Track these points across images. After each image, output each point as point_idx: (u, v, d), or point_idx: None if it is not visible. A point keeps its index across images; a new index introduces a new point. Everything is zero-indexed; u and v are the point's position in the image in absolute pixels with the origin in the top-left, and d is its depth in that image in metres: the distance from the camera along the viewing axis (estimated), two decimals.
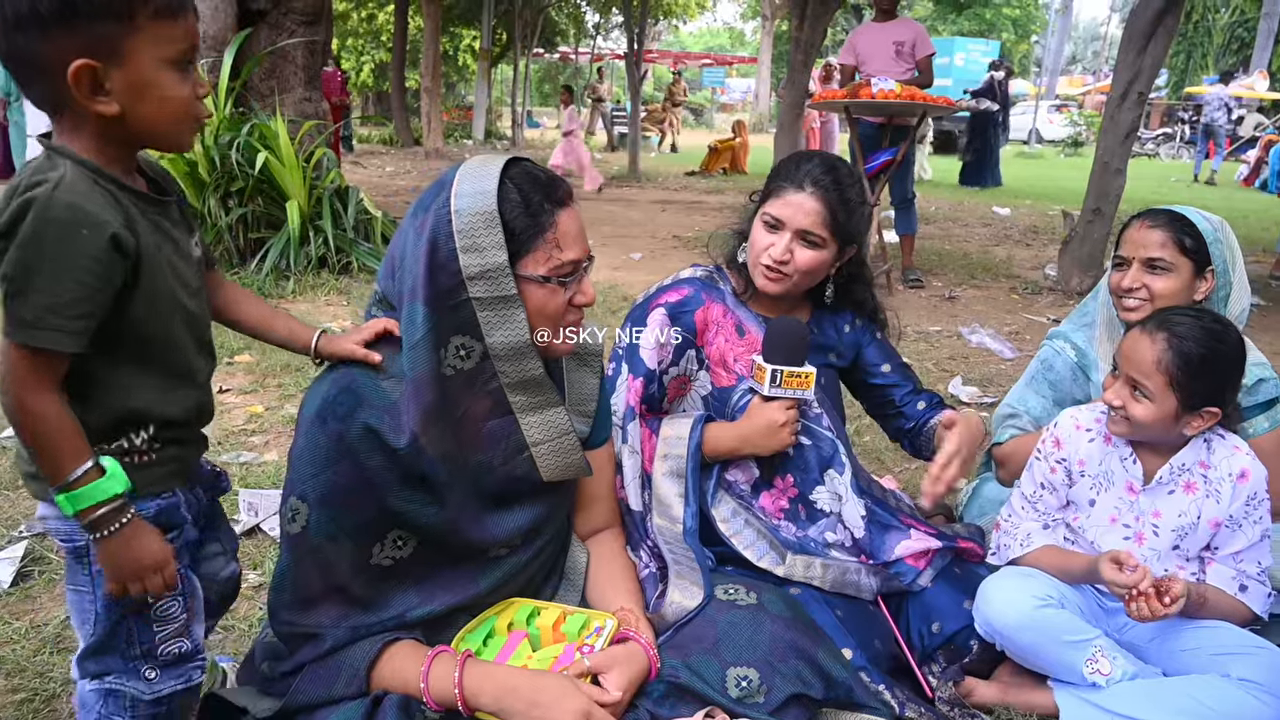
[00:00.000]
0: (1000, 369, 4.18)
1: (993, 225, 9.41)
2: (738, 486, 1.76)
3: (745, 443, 1.70)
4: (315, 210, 5.59)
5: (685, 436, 1.70)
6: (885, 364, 1.96)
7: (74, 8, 0.95)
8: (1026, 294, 5.96)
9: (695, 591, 1.51)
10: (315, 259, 5.35)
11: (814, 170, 1.74)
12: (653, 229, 8.50)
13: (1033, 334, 4.88)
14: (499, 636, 1.39)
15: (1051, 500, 1.73)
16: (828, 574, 1.67)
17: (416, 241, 1.27)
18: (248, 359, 3.84)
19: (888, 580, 1.70)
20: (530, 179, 1.30)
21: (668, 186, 12.96)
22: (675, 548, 1.61)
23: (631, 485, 1.69)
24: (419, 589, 1.36)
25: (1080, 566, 1.62)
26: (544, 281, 1.29)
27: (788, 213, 1.73)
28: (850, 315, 1.94)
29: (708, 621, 1.45)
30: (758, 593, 1.50)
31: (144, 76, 1.01)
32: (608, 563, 1.56)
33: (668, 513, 1.67)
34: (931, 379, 3.99)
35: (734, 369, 1.79)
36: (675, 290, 1.82)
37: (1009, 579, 1.63)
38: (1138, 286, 1.86)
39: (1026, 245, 8.21)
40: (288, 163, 5.37)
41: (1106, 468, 1.68)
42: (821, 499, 1.76)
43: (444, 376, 1.27)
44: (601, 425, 1.58)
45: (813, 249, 1.74)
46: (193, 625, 1.23)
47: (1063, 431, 1.73)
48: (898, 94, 5.32)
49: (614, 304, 5.06)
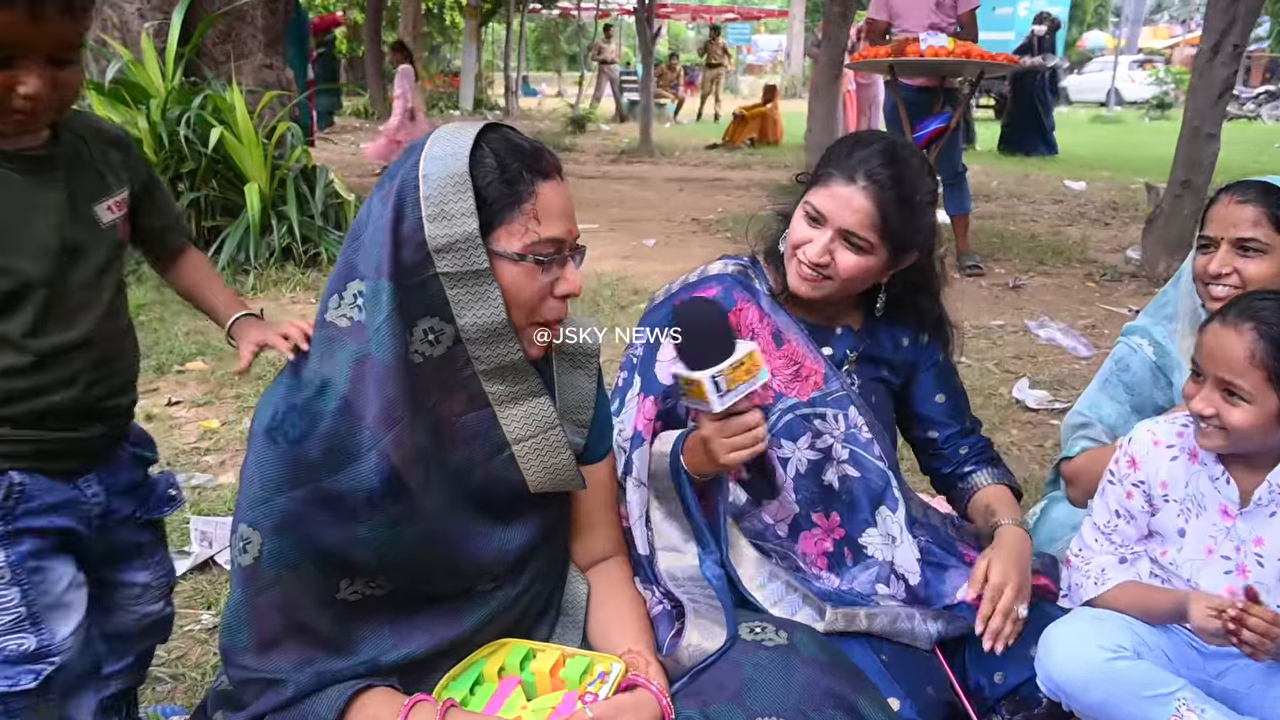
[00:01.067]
0: (1074, 369, 4.16)
1: (1065, 201, 9.36)
2: (772, 531, 1.72)
3: (702, 460, 1.58)
4: (278, 194, 5.63)
5: (668, 452, 1.62)
6: (939, 393, 1.91)
7: None
8: (1104, 281, 5.93)
9: (717, 632, 1.50)
10: (278, 250, 5.39)
11: (870, 160, 1.68)
12: (668, 211, 8.52)
13: (1111, 328, 4.85)
14: (488, 683, 1.39)
15: (1129, 530, 1.72)
16: (874, 623, 1.64)
17: (381, 212, 1.28)
18: (200, 366, 3.87)
19: (951, 623, 1.67)
20: (510, 145, 1.32)
21: (686, 161, 12.98)
22: (689, 586, 1.59)
23: (638, 524, 1.65)
24: (394, 628, 1.36)
25: (1165, 604, 1.60)
26: (518, 259, 1.30)
27: (831, 207, 1.69)
28: (911, 330, 1.89)
29: (731, 665, 1.44)
30: (789, 631, 1.49)
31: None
32: (613, 597, 1.56)
33: (674, 552, 1.63)
34: (993, 382, 3.98)
35: (771, 384, 1.75)
36: (702, 289, 1.78)
37: (1074, 626, 1.61)
38: (1227, 271, 1.84)
39: (1104, 224, 8.17)
40: (246, 139, 5.41)
41: (1195, 490, 1.66)
42: (872, 543, 1.73)
43: (411, 364, 1.28)
44: (600, 437, 1.57)
45: (857, 253, 1.69)
46: (46, 622, 1.26)
47: (1139, 449, 1.71)
48: (950, 51, 5.31)
49: (623, 298, 5.07)
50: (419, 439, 1.30)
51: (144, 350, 4.08)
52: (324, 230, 5.63)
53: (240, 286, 5.07)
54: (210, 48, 6.23)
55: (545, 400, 1.38)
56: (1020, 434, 3.47)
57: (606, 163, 13.08)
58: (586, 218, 7.92)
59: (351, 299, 1.28)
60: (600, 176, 11.35)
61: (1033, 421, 3.58)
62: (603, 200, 9.08)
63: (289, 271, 5.33)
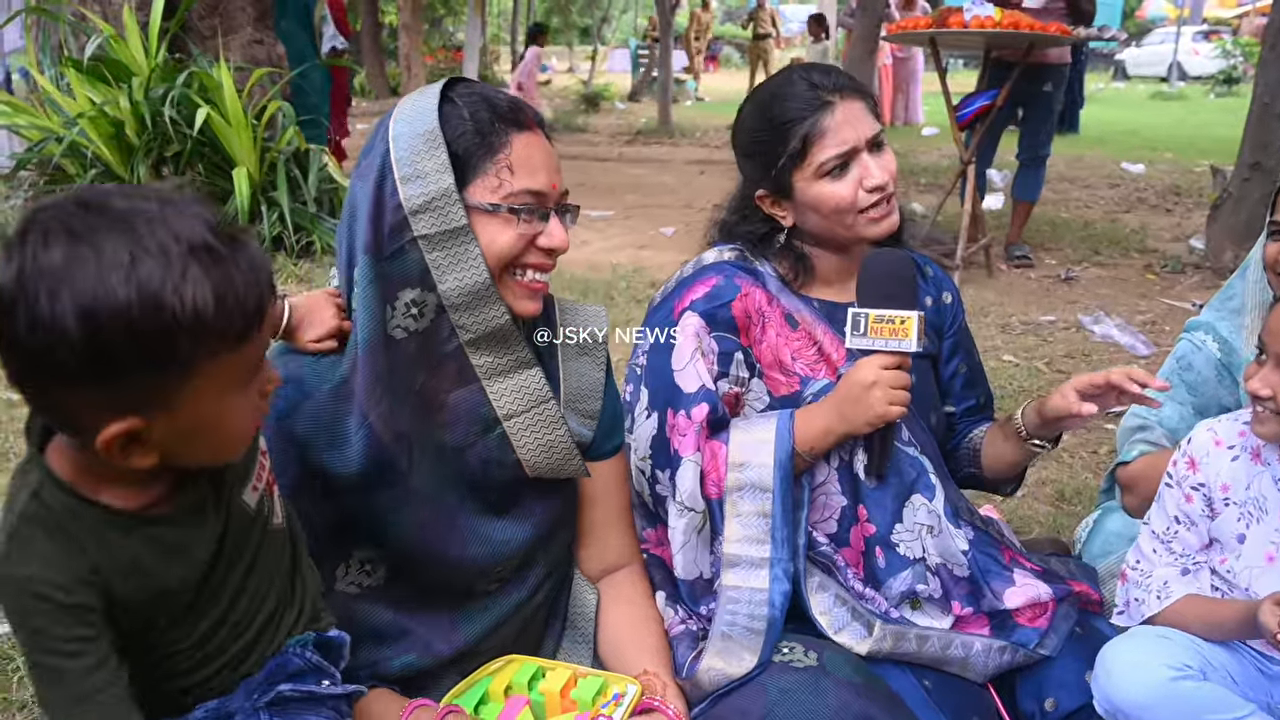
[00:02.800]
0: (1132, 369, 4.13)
1: (1122, 186, 9.30)
2: (818, 543, 1.70)
3: (840, 416, 1.61)
4: (268, 179, 5.66)
5: (770, 439, 1.61)
6: (959, 360, 1.92)
7: (112, 362, 0.90)
8: (1165, 273, 5.89)
9: (746, 659, 1.50)
10: (269, 238, 5.42)
11: (818, 80, 1.71)
12: (688, 196, 8.51)
13: (1173, 324, 4.82)
14: (494, 702, 1.40)
15: (1190, 537, 1.71)
16: (925, 647, 1.63)
17: (361, 187, 1.33)
18: None
19: (1014, 655, 1.65)
20: (482, 98, 1.36)
21: (708, 142, 12.97)
22: (740, 609, 1.58)
23: (684, 549, 1.64)
24: (393, 628, 1.39)
25: (1234, 618, 1.60)
26: (493, 210, 1.33)
27: (847, 134, 1.68)
28: (934, 287, 1.90)
29: (755, 689, 1.45)
30: (818, 652, 1.50)
31: (202, 418, 0.99)
32: (627, 610, 1.57)
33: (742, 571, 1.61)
34: (1043, 383, 3.96)
35: (794, 369, 1.75)
36: (701, 282, 1.76)
37: (1135, 644, 1.61)
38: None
39: (1166, 211, 8.12)
40: (234, 120, 5.45)
41: (1257, 492, 1.66)
42: (903, 540, 1.71)
43: (392, 340, 1.32)
44: (609, 431, 1.58)
45: (885, 151, 1.75)
46: None
47: (1198, 449, 1.71)
48: (997, 21, 5.28)
49: (639, 291, 5.08)
50: (405, 420, 1.33)
51: None
52: (317, 218, 5.66)
53: None
54: (196, 22, 6.27)
55: (536, 372, 1.41)
56: (1072, 439, 3.46)
57: (622, 144, 13.09)
58: (600, 204, 7.93)
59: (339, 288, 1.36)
60: (615, 159, 11.36)
61: (1086, 426, 3.55)
62: (618, 185, 9.07)
63: (280, 262, 5.35)
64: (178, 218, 0.93)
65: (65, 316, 0.87)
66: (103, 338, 0.88)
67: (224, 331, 0.94)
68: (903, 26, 6.27)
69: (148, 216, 0.92)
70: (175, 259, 0.90)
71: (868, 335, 1.58)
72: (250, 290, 0.95)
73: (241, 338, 0.96)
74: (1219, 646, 1.63)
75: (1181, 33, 25.62)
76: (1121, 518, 2.12)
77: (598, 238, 6.85)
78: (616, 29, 37.24)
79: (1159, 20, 32.71)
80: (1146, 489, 1.89)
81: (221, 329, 0.93)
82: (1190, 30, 26.67)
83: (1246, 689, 1.61)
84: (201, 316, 0.90)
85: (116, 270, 0.88)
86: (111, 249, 0.89)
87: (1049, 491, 3.03)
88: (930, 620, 1.68)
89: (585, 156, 11.25)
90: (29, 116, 5.66)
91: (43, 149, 5.48)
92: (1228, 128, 9.28)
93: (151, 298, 0.88)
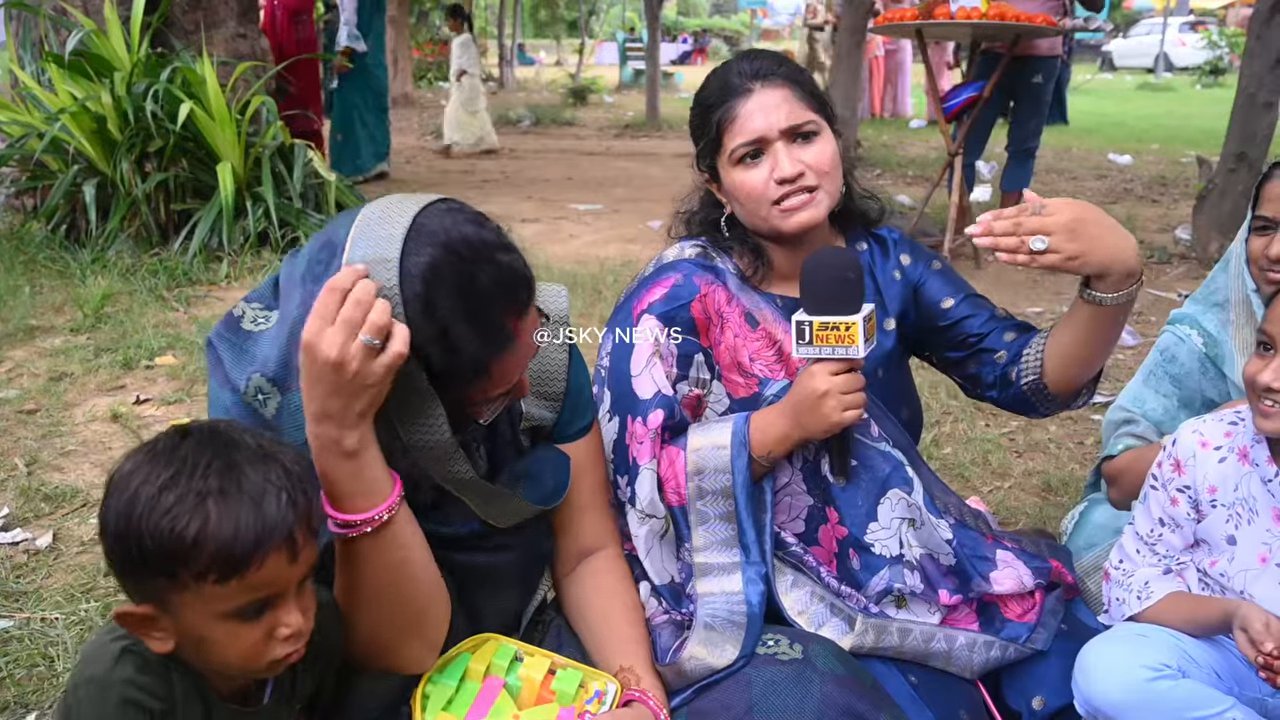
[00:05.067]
0: (1118, 359, 4.15)
1: (1109, 177, 9.34)
2: (787, 543, 1.70)
3: (797, 424, 1.60)
4: (253, 174, 5.64)
5: (726, 444, 1.61)
6: (949, 298, 1.81)
7: (124, 558, 1.09)
8: (1152, 263, 5.91)
9: (729, 651, 1.50)
10: (254, 235, 5.40)
11: (746, 68, 1.69)
12: (677, 190, 8.41)
13: (1159, 314, 4.84)
14: (473, 681, 1.40)
15: (1174, 539, 1.71)
16: (906, 640, 1.63)
17: (298, 304, 1.24)
18: (170, 361, 3.89)
19: (1004, 651, 1.65)
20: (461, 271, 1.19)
21: None
22: (719, 608, 1.57)
23: (650, 556, 1.64)
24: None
25: (1215, 615, 1.60)
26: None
27: (758, 123, 1.65)
28: (896, 258, 1.84)
29: (740, 683, 1.44)
30: (803, 644, 1.50)
31: (197, 630, 1.10)
32: (605, 596, 1.55)
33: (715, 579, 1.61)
34: None
35: (752, 370, 1.73)
36: (660, 282, 1.73)
37: (1113, 644, 1.61)
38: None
39: (1152, 201, 8.15)
40: (218, 115, 5.42)
41: (1246, 493, 1.66)
42: (879, 540, 1.69)
43: None
44: (576, 412, 1.55)
45: (814, 142, 1.67)
46: None
47: (1184, 450, 1.71)
48: (983, 12, 5.29)
49: (626, 284, 5.06)
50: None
51: (110, 344, 4.11)
52: (303, 213, 5.64)
53: (213, 275, 5.09)
54: (179, 16, 6.23)
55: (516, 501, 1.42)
56: (1059, 430, 3.47)
57: (610, 137, 13.08)
58: (588, 198, 7.93)
59: (255, 393, 1.30)
60: (603, 153, 11.35)
61: (1073, 418, 3.57)
62: (606, 178, 9.07)
63: (265, 258, 5.33)
64: (217, 459, 1.09)
65: (106, 514, 1.09)
66: (122, 540, 1.07)
67: (207, 564, 1.05)
68: (889, 18, 6.27)
69: (206, 460, 1.08)
70: (187, 493, 1.06)
71: (814, 344, 1.55)
72: (241, 537, 1.06)
73: (224, 576, 1.06)
74: (1202, 641, 1.63)
75: (1168, 24, 25.71)
76: (1107, 510, 2.13)
77: (586, 231, 6.84)
78: (604, 22, 37.22)
79: (1146, 11, 32.79)
80: (1132, 482, 1.89)
81: (203, 561, 1.05)
82: (1177, 21, 26.76)
83: (1231, 682, 1.61)
84: (180, 545, 1.04)
85: (148, 487, 1.06)
86: (156, 476, 1.07)
87: (1035, 483, 3.04)
88: (917, 617, 1.67)
89: (574, 150, 11.25)
90: (10, 112, 5.62)
91: (24, 145, 5.44)
92: (1214, 118, 9.32)
93: (155, 517, 1.05)
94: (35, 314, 4.42)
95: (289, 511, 1.08)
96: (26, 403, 3.46)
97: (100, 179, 5.43)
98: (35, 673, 2.03)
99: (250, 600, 1.09)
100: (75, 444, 3.17)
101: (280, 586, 1.11)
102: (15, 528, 2.62)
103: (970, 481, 3.02)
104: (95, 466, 3.01)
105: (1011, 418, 3.53)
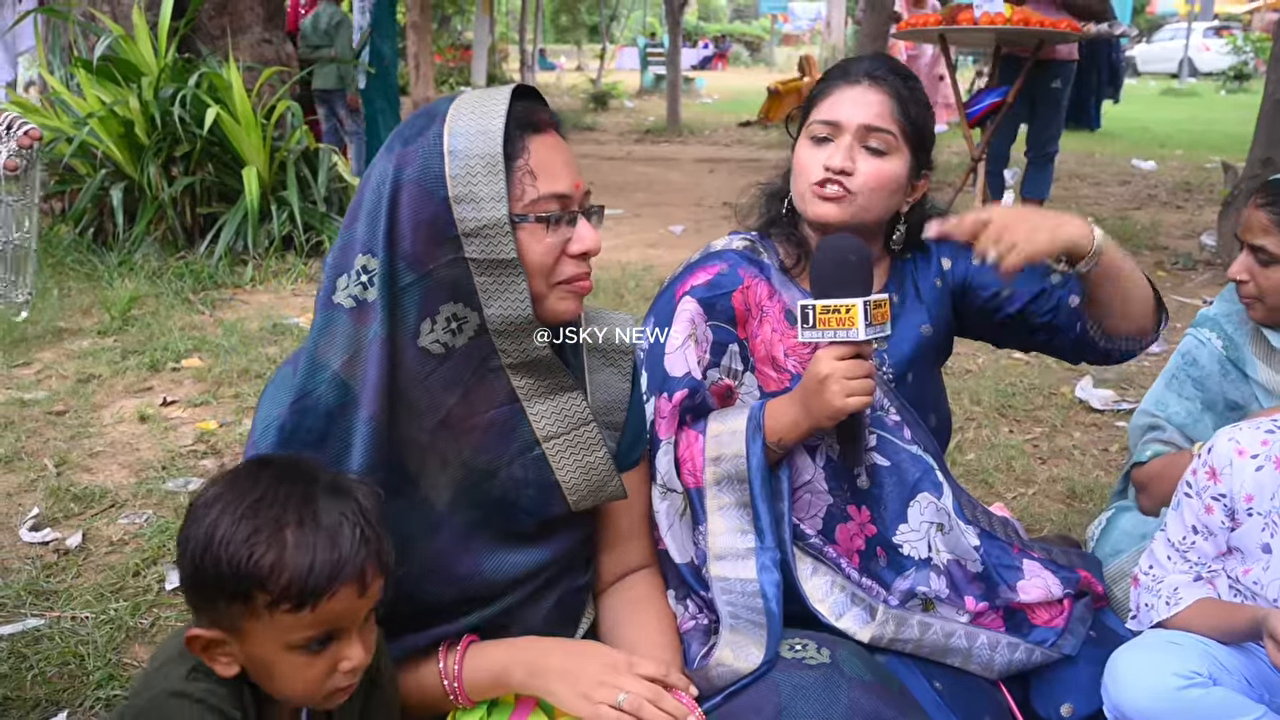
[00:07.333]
0: (1142, 366, 4.12)
1: (1133, 183, 9.27)
2: (806, 535, 1.71)
3: (805, 410, 1.60)
4: (278, 178, 5.69)
5: (742, 429, 1.62)
6: (1005, 287, 1.82)
7: (200, 582, 1.12)
8: (1177, 269, 5.86)
9: (754, 653, 1.50)
10: (279, 238, 5.44)
11: (867, 64, 1.73)
12: (698, 195, 8.51)
13: (1185, 321, 4.76)
14: (505, 704, 1.41)
15: (1207, 547, 1.70)
16: (926, 634, 1.63)
17: (394, 183, 1.28)
18: (197, 363, 3.92)
19: (1030, 654, 1.65)
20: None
21: (717, 141, 12.97)
22: (736, 599, 1.58)
23: (671, 532, 1.64)
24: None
25: (1244, 622, 1.59)
26: (519, 221, 1.30)
27: (844, 111, 1.68)
28: (937, 262, 1.84)
29: (768, 687, 1.44)
30: (831, 649, 1.50)
31: (261, 656, 1.14)
32: (641, 611, 1.56)
33: (729, 560, 1.62)
34: (1054, 380, 3.95)
35: (785, 365, 1.74)
36: (705, 268, 1.75)
37: (1144, 651, 1.60)
38: (1244, 279, 1.86)
39: (1177, 208, 8.08)
40: (244, 120, 5.47)
41: None
42: (908, 541, 1.70)
43: (429, 353, 1.31)
44: (634, 443, 1.58)
45: (879, 158, 1.68)
46: None
47: (1220, 459, 1.69)
48: (1007, 18, 5.27)
49: (648, 289, 5.08)
50: (430, 433, 1.33)
51: (137, 346, 4.15)
52: (327, 217, 5.68)
53: (238, 278, 5.13)
54: (206, 22, 6.30)
55: (578, 395, 1.40)
56: (1084, 436, 3.45)
57: (631, 142, 13.09)
58: (609, 202, 7.89)
59: (357, 277, 1.29)
60: (624, 157, 11.36)
61: (1097, 424, 3.55)
62: (627, 183, 9.08)
63: (290, 262, 5.37)
64: (296, 491, 1.13)
65: (185, 539, 1.13)
66: (200, 564, 1.11)
67: (282, 592, 1.08)
68: (912, 23, 6.26)
69: (285, 491, 1.12)
70: (266, 522, 1.09)
71: (816, 327, 1.54)
72: (317, 569, 1.09)
73: (299, 605, 1.09)
74: (1232, 649, 1.62)
75: (1192, 29, 25.54)
76: (1134, 517, 2.12)
77: (607, 236, 6.79)
78: (625, 27, 37.27)
79: (1170, 16, 32.59)
80: (1162, 489, 1.88)
81: (279, 590, 1.08)
82: (1201, 26, 26.58)
83: (1262, 690, 1.60)
84: (257, 572, 1.08)
85: (228, 515, 1.10)
86: (236, 504, 1.11)
87: (1060, 489, 3.03)
88: (944, 621, 1.67)
89: (594, 155, 11.25)
90: (39, 117, 5.69)
91: (53, 149, 5.50)
92: (1239, 124, 9.26)
93: (235, 544, 1.09)
94: (63, 316, 4.47)
95: (362, 546, 1.12)
96: (55, 404, 3.50)
97: (127, 183, 5.49)
98: (66, 671, 2.04)
99: (319, 631, 1.12)
100: (103, 445, 3.20)
101: (348, 620, 1.14)
102: (45, 527, 2.65)
103: (994, 488, 3.00)
104: (123, 467, 3.04)
105: (1035, 424, 3.52)
